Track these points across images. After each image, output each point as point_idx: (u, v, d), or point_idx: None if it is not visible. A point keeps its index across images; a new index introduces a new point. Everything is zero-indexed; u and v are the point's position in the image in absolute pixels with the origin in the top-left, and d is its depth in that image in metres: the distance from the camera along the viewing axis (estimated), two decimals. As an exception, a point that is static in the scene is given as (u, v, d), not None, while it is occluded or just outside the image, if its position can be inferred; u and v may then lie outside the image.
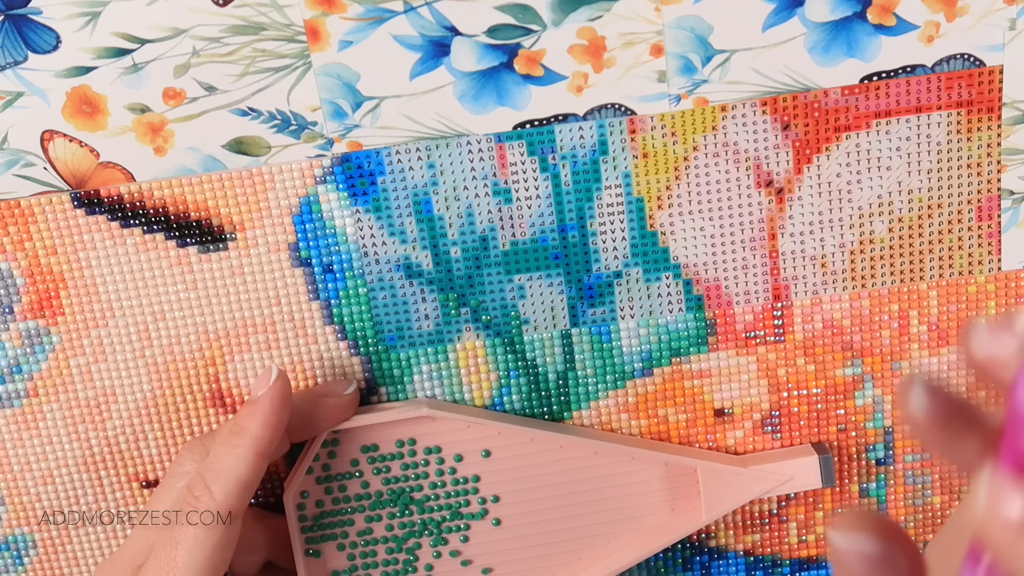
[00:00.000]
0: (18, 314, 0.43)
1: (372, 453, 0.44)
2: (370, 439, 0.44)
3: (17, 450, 0.45)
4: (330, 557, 0.45)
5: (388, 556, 0.45)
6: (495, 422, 0.44)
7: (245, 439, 0.39)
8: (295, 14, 0.40)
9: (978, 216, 0.44)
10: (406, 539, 0.45)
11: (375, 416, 0.43)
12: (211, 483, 0.39)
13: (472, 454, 0.44)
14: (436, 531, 0.45)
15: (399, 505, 0.45)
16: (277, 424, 0.39)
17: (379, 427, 0.44)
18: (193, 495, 0.39)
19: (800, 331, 0.46)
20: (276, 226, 0.43)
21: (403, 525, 0.45)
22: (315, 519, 0.44)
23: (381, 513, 0.45)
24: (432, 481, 0.44)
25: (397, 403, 0.45)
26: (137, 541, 0.40)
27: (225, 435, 0.40)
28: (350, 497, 0.44)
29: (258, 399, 0.39)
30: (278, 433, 0.40)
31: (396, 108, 0.42)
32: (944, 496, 0.48)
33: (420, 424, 0.44)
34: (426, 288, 0.44)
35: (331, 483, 0.44)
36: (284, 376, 0.40)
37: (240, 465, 0.39)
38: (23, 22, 0.40)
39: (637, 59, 0.42)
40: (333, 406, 0.43)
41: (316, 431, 0.43)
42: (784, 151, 0.43)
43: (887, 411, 0.47)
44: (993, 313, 0.46)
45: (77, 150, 0.42)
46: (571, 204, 0.43)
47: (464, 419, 0.44)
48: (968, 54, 0.42)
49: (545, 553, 0.46)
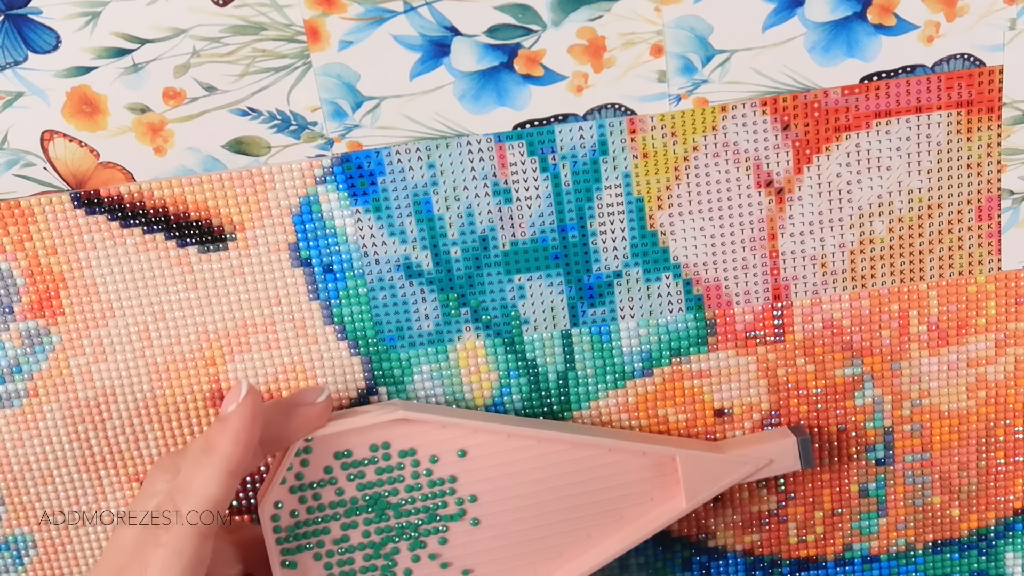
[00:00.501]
0: (18, 314, 0.43)
1: (346, 459, 0.43)
2: (343, 445, 0.43)
3: (17, 450, 0.45)
4: (307, 567, 0.44)
5: (366, 563, 0.44)
6: (469, 421, 0.43)
7: (214, 458, 0.38)
8: (295, 14, 0.40)
9: (978, 216, 0.45)
10: (384, 544, 0.44)
11: (349, 422, 0.42)
12: (181, 504, 0.38)
13: (448, 455, 0.44)
14: (414, 534, 0.44)
15: (375, 510, 0.44)
16: (248, 441, 0.39)
17: (352, 432, 0.43)
18: (163, 517, 0.38)
19: (800, 331, 0.46)
20: (276, 226, 0.43)
21: (380, 530, 0.44)
22: (290, 529, 0.43)
23: (357, 520, 0.44)
24: (408, 484, 0.44)
25: (370, 407, 0.44)
26: (107, 564, 0.39)
27: (195, 453, 0.39)
28: (325, 505, 0.43)
29: (228, 416, 0.39)
30: (249, 450, 0.39)
31: (396, 108, 0.42)
32: (944, 496, 0.48)
33: (394, 427, 0.43)
34: (426, 288, 0.44)
35: (305, 492, 0.43)
36: (254, 391, 0.39)
37: (211, 484, 0.38)
38: (23, 22, 0.40)
39: (637, 59, 0.42)
40: (306, 415, 0.42)
41: (290, 441, 0.42)
42: (784, 151, 0.43)
43: (887, 411, 0.47)
44: (993, 313, 0.46)
45: (77, 150, 0.42)
46: (571, 204, 0.43)
47: (438, 419, 0.43)
48: (968, 54, 0.42)
49: (526, 551, 0.45)
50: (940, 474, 0.48)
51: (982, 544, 0.49)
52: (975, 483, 0.48)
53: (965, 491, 0.48)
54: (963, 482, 0.48)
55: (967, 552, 0.49)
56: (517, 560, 0.45)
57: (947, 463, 0.48)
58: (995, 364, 0.46)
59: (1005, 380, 0.47)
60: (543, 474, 0.44)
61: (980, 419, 0.47)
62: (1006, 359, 0.46)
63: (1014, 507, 0.49)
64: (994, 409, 0.47)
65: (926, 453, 0.48)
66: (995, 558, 0.49)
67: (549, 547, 0.45)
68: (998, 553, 0.49)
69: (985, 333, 0.46)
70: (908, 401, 0.47)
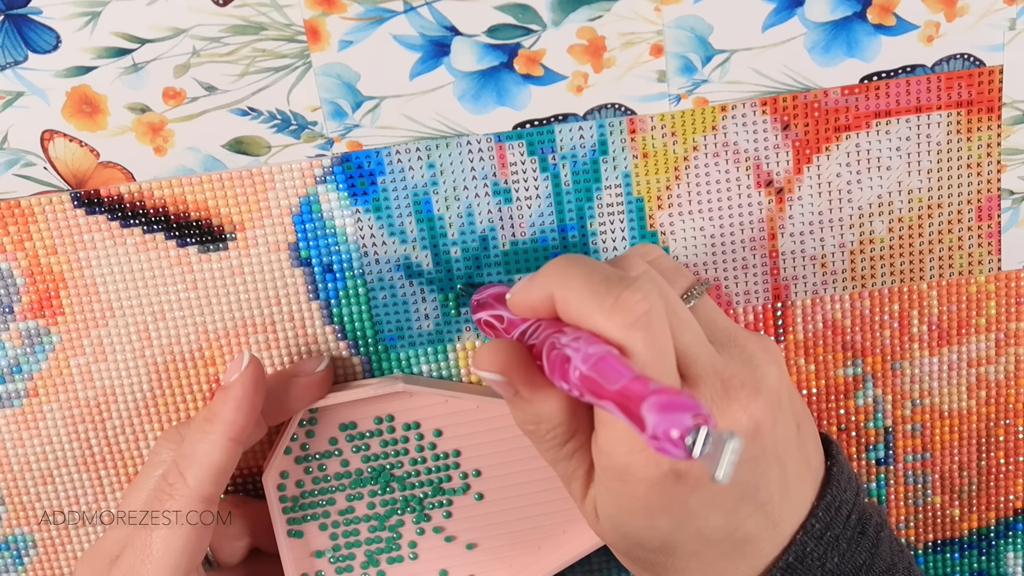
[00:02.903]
0: (18, 314, 0.43)
1: (351, 431, 0.44)
2: (348, 417, 0.44)
3: (17, 450, 0.45)
4: (312, 537, 0.45)
5: (371, 534, 0.45)
6: (473, 395, 0.43)
7: (218, 425, 0.39)
8: (295, 14, 0.40)
9: (978, 216, 0.45)
10: (388, 516, 0.45)
11: (351, 393, 0.43)
12: (184, 470, 0.39)
13: (452, 428, 0.44)
14: (418, 508, 0.45)
15: (380, 482, 0.44)
16: (250, 409, 0.39)
17: (356, 404, 0.43)
18: (167, 483, 0.39)
19: (800, 331, 0.46)
20: (276, 226, 0.43)
21: (385, 503, 0.45)
22: (295, 500, 0.44)
23: (362, 491, 0.44)
24: (412, 457, 0.44)
25: (372, 380, 0.45)
26: (115, 531, 0.41)
27: (199, 422, 0.40)
28: (330, 476, 0.44)
29: (230, 385, 0.40)
30: (251, 418, 0.40)
31: (396, 108, 0.42)
32: (944, 496, 0.48)
33: (398, 400, 0.44)
34: (426, 288, 0.44)
35: (310, 463, 0.44)
36: (256, 361, 0.40)
37: (214, 452, 0.39)
38: (23, 22, 0.40)
39: (637, 59, 0.42)
40: (306, 385, 0.42)
41: (291, 412, 0.42)
42: (784, 151, 0.43)
43: (887, 411, 0.47)
44: (993, 313, 0.46)
45: (77, 150, 0.42)
46: (571, 204, 0.43)
47: (442, 393, 0.43)
48: (968, 54, 0.42)
49: (530, 527, 0.45)
50: (940, 474, 0.48)
51: (983, 544, 0.49)
52: (975, 483, 0.48)
53: (965, 491, 0.48)
54: (963, 482, 0.48)
55: (968, 552, 0.49)
56: (521, 535, 0.45)
57: (947, 463, 0.48)
58: (995, 364, 0.46)
59: (1005, 380, 0.47)
60: None
61: (980, 419, 0.47)
62: (1006, 359, 0.46)
63: (1015, 507, 0.49)
64: (994, 409, 0.47)
65: (926, 453, 0.48)
66: (996, 558, 0.49)
67: (554, 523, 0.45)
68: (999, 553, 0.49)
69: (985, 333, 0.46)
70: (908, 401, 0.47)
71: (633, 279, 0.32)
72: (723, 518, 0.33)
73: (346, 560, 0.45)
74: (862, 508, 0.36)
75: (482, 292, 0.40)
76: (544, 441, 0.35)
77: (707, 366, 0.33)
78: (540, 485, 0.45)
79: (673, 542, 0.34)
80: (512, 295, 0.35)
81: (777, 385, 0.34)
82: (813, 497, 0.35)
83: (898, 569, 0.36)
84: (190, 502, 0.39)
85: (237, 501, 0.45)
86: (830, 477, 0.36)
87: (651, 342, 0.31)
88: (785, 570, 0.34)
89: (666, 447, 0.26)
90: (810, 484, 0.35)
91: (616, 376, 0.29)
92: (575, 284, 0.32)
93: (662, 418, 0.26)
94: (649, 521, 0.33)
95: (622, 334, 0.31)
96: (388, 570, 0.45)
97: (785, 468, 0.34)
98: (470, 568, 0.46)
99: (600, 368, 0.29)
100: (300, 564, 0.45)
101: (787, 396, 0.34)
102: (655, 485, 0.32)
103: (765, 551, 0.35)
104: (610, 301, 0.31)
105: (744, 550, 0.34)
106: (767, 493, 0.34)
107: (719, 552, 0.34)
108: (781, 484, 0.34)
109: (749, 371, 0.33)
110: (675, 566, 0.35)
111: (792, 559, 0.34)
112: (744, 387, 0.33)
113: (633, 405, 0.28)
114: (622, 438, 0.32)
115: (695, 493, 0.32)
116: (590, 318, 0.32)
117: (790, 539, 0.35)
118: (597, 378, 0.29)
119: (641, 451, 0.32)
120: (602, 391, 0.29)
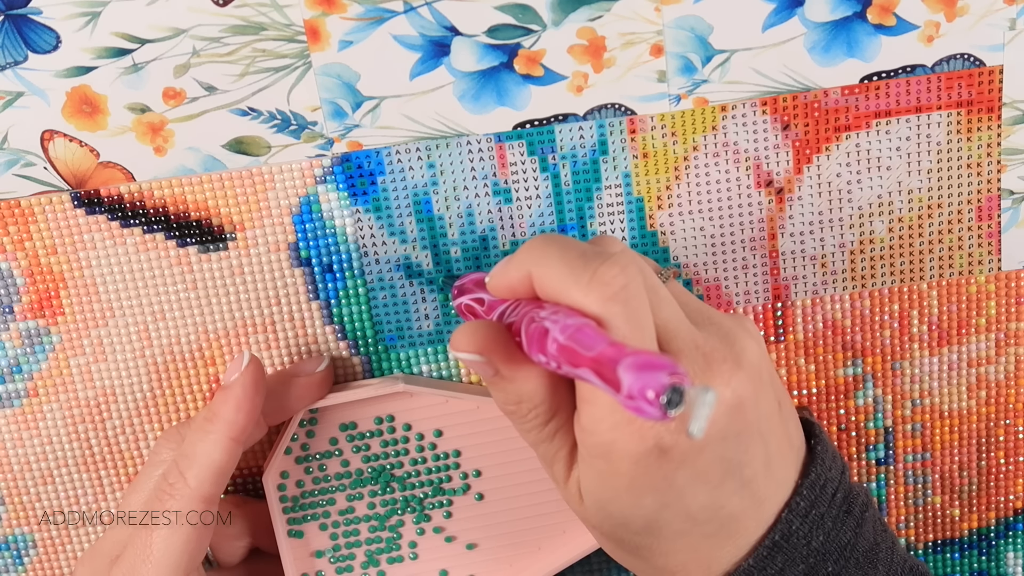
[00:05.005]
0: (18, 314, 0.43)
1: (351, 431, 0.44)
2: (348, 417, 0.44)
3: (17, 450, 0.45)
4: (312, 537, 0.45)
5: (371, 534, 0.45)
6: (474, 396, 0.43)
7: (218, 425, 0.39)
8: (295, 14, 0.40)
9: (978, 216, 0.45)
10: (388, 517, 0.45)
11: (352, 394, 0.43)
12: (185, 470, 0.39)
13: (452, 429, 0.44)
14: (419, 508, 0.45)
15: (380, 483, 0.44)
16: (250, 409, 0.39)
17: (357, 405, 0.43)
18: (167, 482, 0.39)
19: (800, 331, 0.46)
20: (276, 226, 0.43)
21: (385, 503, 0.45)
22: (295, 500, 0.44)
23: (362, 491, 0.44)
24: (412, 457, 0.44)
25: (373, 380, 0.45)
26: (115, 531, 0.41)
27: (199, 422, 0.40)
28: (330, 476, 0.44)
29: (230, 384, 0.40)
30: (252, 418, 0.40)
31: (396, 108, 0.42)
32: (945, 496, 0.48)
33: (398, 400, 0.44)
34: (426, 288, 0.44)
35: (310, 463, 0.44)
36: (256, 361, 0.40)
37: (214, 451, 0.39)
38: (23, 22, 0.40)
39: (637, 59, 0.42)
40: (306, 385, 0.42)
41: (291, 411, 0.42)
42: (784, 151, 0.43)
43: (887, 411, 0.47)
44: (993, 313, 0.46)
45: (77, 150, 0.42)
46: (571, 204, 0.43)
47: (442, 393, 0.43)
48: (968, 54, 0.42)
49: (530, 527, 0.45)
50: (940, 474, 0.48)
51: (983, 544, 0.49)
52: (975, 483, 0.48)
53: (965, 491, 0.48)
54: (963, 482, 0.48)
55: (968, 552, 0.49)
56: (521, 536, 0.45)
57: (947, 463, 0.48)
58: (995, 364, 0.46)
59: (1005, 380, 0.47)
60: None
61: (980, 419, 0.47)
62: (1006, 359, 0.46)
63: (1015, 507, 0.49)
64: (994, 409, 0.47)
65: (926, 453, 0.48)
66: (996, 558, 0.49)
67: (554, 523, 0.45)
68: (999, 553, 0.49)
69: (985, 333, 0.46)
70: (908, 401, 0.47)
71: (610, 254, 0.32)
72: (708, 495, 0.33)
73: (346, 560, 0.45)
74: (848, 487, 0.36)
75: (463, 279, 0.41)
76: (526, 421, 0.35)
77: (687, 340, 0.33)
78: (540, 485, 0.45)
79: (659, 521, 0.34)
80: (491, 277, 0.35)
81: (758, 360, 0.33)
82: (796, 476, 0.35)
83: (881, 549, 0.36)
84: (190, 502, 0.39)
85: (237, 501, 0.45)
86: (814, 456, 0.36)
87: (630, 315, 0.31)
88: (771, 548, 0.34)
89: (642, 406, 0.26)
90: (792, 463, 0.35)
91: (593, 344, 0.29)
92: (552, 261, 0.32)
93: (637, 376, 0.26)
94: (634, 500, 0.33)
95: (601, 307, 0.31)
96: (388, 570, 0.45)
97: (768, 445, 0.34)
98: (470, 568, 0.46)
99: (578, 337, 0.29)
100: (300, 564, 0.45)
101: (768, 373, 0.34)
102: (639, 462, 0.32)
103: (750, 530, 0.34)
104: (587, 276, 0.31)
105: (729, 529, 0.34)
106: (752, 470, 0.33)
107: (704, 531, 0.34)
108: (765, 461, 0.34)
109: (728, 346, 0.33)
110: (660, 548, 0.35)
111: (778, 537, 0.34)
112: (725, 361, 0.32)
113: (609, 369, 0.27)
114: (605, 414, 0.32)
115: (680, 470, 0.32)
116: (568, 293, 0.31)
117: (775, 518, 0.34)
118: (575, 347, 0.29)
119: (625, 425, 0.31)
120: (579, 359, 0.29)
